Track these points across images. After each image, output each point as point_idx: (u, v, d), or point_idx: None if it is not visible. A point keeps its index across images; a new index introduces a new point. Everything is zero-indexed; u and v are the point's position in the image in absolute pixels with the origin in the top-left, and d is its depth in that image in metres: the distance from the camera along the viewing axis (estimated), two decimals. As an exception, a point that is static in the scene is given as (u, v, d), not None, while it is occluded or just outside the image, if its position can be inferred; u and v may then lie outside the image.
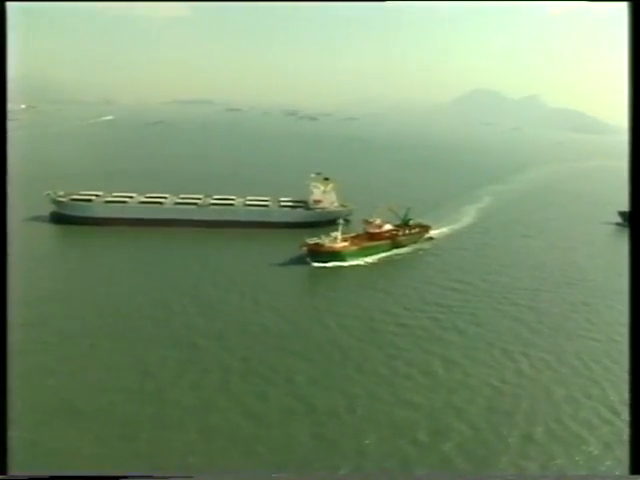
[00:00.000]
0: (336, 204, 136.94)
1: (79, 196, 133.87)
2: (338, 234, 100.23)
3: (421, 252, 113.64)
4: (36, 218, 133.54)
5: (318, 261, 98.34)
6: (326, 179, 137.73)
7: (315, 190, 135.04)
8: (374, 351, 65.80)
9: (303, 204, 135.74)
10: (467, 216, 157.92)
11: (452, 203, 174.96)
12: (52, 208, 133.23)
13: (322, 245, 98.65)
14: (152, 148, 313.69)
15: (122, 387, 54.56)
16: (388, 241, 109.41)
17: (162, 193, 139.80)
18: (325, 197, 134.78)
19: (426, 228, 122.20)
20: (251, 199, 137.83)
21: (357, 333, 70.74)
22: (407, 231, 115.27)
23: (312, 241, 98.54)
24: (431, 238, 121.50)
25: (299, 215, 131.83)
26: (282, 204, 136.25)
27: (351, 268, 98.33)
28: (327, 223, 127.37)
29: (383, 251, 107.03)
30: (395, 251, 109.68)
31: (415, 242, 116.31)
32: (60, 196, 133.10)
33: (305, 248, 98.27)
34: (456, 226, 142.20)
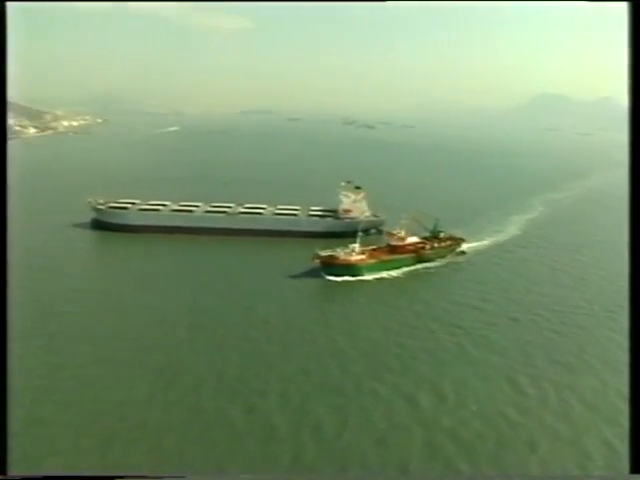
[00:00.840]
0: (367, 214, 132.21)
1: (116, 204, 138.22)
2: (356, 246, 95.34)
3: (449, 267, 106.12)
4: (79, 224, 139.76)
5: (332, 274, 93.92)
6: (357, 188, 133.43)
7: (345, 199, 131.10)
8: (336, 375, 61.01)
9: (333, 213, 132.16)
10: (513, 227, 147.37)
11: (500, 213, 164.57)
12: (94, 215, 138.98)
13: (336, 258, 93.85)
14: (210, 156, 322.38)
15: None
16: (412, 255, 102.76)
17: (213, 199, 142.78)
18: (355, 206, 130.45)
19: (458, 241, 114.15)
20: (281, 208, 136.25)
21: (343, 353, 66.27)
22: (435, 244, 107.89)
23: (325, 253, 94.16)
24: (463, 252, 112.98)
25: (327, 225, 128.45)
26: (311, 213, 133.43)
27: (367, 282, 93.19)
28: (356, 233, 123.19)
29: (406, 265, 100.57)
30: (420, 265, 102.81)
31: (444, 256, 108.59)
32: (100, 204, 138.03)
33: (317, 260, 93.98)
34: (498, 238, 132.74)
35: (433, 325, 75.27)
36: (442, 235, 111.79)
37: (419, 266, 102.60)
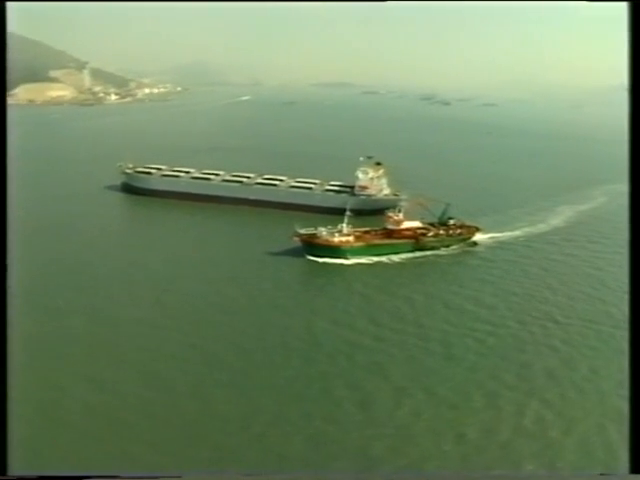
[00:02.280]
0: (386, 192, 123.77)
1: (142, 169, 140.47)
2: (344, 225, 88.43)
3: (452, 258, 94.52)
4: (111, 187, 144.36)
5: (313, 255, 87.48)
6: (378, 164, 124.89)
7: (361, 175, 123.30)
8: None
9: (350, 189, 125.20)
10: (556, 219, 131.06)
11: (550, 201, 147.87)
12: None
13: (317, 237, 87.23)
14: (272, 127, 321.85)
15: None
16: (409, 241, 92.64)
17: (256, 169, 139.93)
18: (372, 183, 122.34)
19: (471, 230, 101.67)
20: (299, 180, 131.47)
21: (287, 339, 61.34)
22: (441, 231, 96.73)
23: (307, 231, 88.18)
24: (475, 243, 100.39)
25: (342, 201, 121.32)
26: (327, 188, 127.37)
27: (348, 266, 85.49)
28: (372, 212, 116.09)
29: (401, 252, 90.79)
30: (418, 254, 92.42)
31: (448, 245, 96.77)
32: (128, 168, 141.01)
33: (297, 239, 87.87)
34: (533, 230, 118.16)
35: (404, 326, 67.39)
36: (452, 222, 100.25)
37: (417, 254, 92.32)
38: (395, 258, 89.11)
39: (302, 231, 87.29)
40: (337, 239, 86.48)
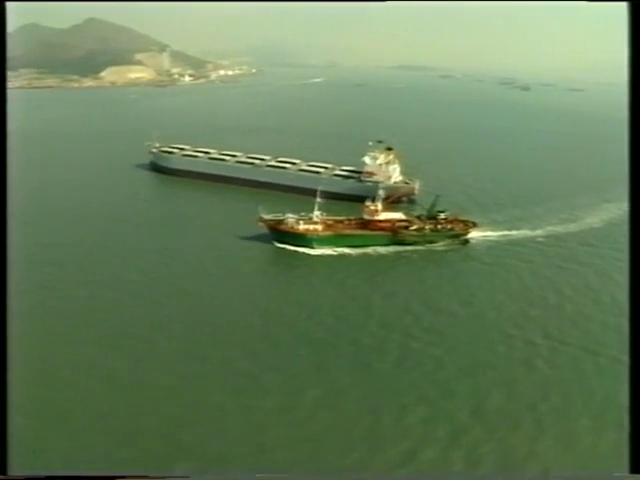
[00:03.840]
0: (396, 179, 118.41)
1: (167, 148, 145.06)
2: (316, 213, 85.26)
3: (434, 255, 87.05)
4: (141, 165, 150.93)
5: (280, 241, 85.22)
6: (389, 149, 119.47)
7: (369, 160, 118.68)
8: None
9: (358, 175, 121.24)
10: (595, 217, 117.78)
11: (604, 195, 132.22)
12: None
13: (281, 224, 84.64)
14: (332, 108, 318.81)
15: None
16: (386, 233, 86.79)
17: (291, 153, 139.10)
18: (380, 170, 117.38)
19: (465, 226, 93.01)
20: (311, 164, 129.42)
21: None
22: (426, 226, 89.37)
23: (273, 217, 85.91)
24: (466, 241, 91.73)
25: (348, 186, 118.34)
26: (336, 173, 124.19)
27: (313, 256, 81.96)
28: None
29: (376, 245, 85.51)
30: (397, 248, 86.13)
31: (433, 241, 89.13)
32: (155, 147, 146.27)
33: (262, 224, 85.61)
34: (559, 229, 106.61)
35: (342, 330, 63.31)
36: (442, 216, 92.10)
37: (393, 249, 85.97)
38: (368, 251, 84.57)
39: (267, 216, 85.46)
40: (302, 227, 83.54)
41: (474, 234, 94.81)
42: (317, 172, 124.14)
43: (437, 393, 50.66)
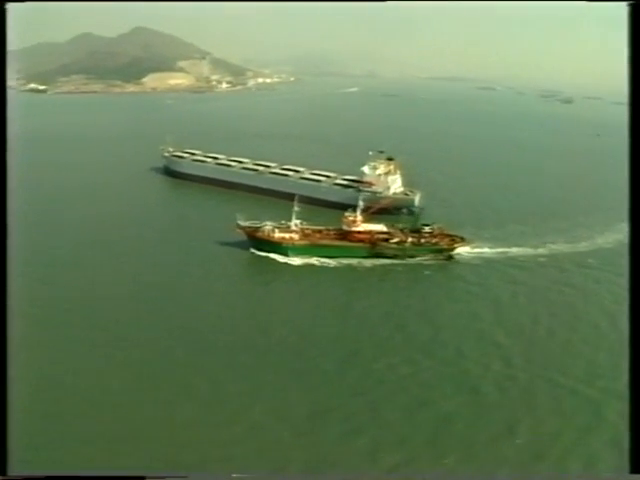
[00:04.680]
0: (397, 190, 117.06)
1: (179, 153, 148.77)
2: (295, 222, 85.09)
3: (410, 272, 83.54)
4: (155, 169, 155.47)
5: (257, 248, 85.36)
6: (389, 159, 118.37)
7: (368, 171, 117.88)
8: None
9: (357, 185, 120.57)
10: (609, 237, 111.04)
11: (613, 217, 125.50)
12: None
13: (257, 231, 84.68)
14: (360, 118, 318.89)
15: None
16: (364, 245, 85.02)
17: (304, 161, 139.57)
18: (379, 180, 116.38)
19: (451, 241, 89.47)
20: (314, 172, 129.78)
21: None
22: (409, 239, 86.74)
23: (250, 224, 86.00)
24: (451, 257, 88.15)
25: (346, 196, 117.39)
26: (336, 182, 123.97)
27: (287, 266, 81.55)
28: (378, 211, 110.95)
29: (354, 256, 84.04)
30: (373, 261, 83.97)
31: (413, 256, 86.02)
32: (167, 151, 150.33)
33: (239, 231, 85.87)
34: (566, 248, 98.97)
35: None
36: (427, 229, 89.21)
37: (370, 261, 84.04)
38: (344, 262, 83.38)
39: (245, 223, 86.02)
40: (278, 235, 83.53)
41: (465, 250, 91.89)
42: (317, 180, 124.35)
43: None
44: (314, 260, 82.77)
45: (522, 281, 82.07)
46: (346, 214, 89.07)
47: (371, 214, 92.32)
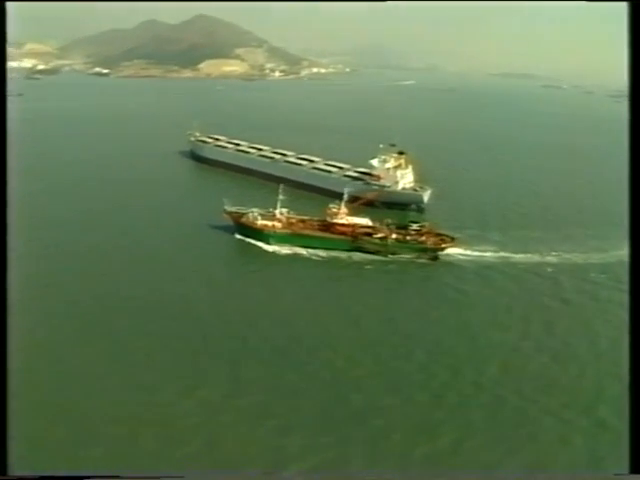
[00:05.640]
0: (406, 185, 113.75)
1: (203, 138, 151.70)
2: (279, 210, 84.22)
3: (401, 267, 79.54)
4: (183, 152, 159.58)
5: (241, 234, 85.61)
6: (400, 153, 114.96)
7: (377, 164, 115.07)
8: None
9: (366, 177, 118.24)
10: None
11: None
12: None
13: (242, 217, 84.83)
14: (408, 110, 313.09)
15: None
16: (345, 238, 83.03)
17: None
18: (388, 174, 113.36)
19: (439, 240, 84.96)
20: (327, 163, 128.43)
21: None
22: (393, 236, 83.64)
23: (237, 210, 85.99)
24: (436, 257, 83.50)
25: (356, 188, 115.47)
26: (346, 174, 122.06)
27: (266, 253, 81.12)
28: (386, 205, 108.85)
29: (335, 248, 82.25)
30: (349, 255, 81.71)
31: (395, 253, 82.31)
32: (193, 136, 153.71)
33: (226, 216, 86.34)
34: (579, 258, 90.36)
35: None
36: (414, 227, 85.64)
37: (348, 255, 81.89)
38: (322, 253, 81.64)
39: (232, 209, 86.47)
40: (260, 222, 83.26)
41: (461, 251, 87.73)
42: (328, 171, 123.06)
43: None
44: (294, 249, 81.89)
45: (508, 290, 75.67)
46: (330, 205, 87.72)
47: (371, 207, 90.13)
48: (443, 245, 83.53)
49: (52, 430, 43.16)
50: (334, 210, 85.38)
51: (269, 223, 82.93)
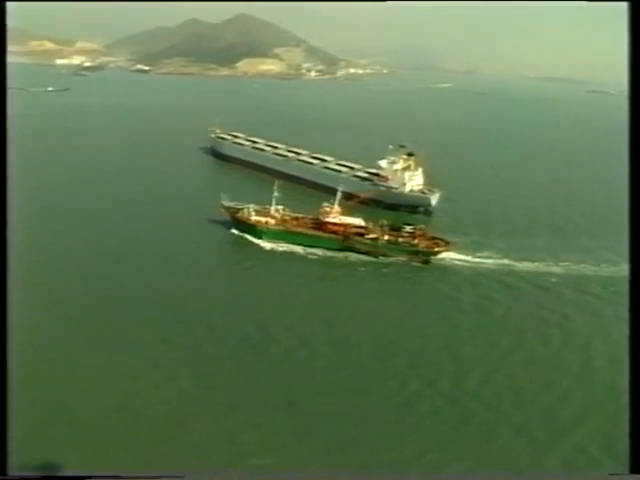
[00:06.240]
0: (414, 187, 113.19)
1: (223, 135, 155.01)
2: (273, 207, 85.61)
3: (389, 269, 79.25)
4: (204, 148, 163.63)
5: (236, 229, 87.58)
6: (410, 154, 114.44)
7: (385, 165, 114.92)
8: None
9: (373, 179, 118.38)
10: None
11: None
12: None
13: (237, 212, 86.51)
14: (441, 113, 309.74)
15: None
16: (336, 237, 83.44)
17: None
18: (395, 175, 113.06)
19: (433, 244, 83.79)
20: (340, 163, 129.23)
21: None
22: (385, 237, 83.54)
23: (232, 204, 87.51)
24: (427, 261, 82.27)
25: (362, 189, 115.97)
26: (355, 174, 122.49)
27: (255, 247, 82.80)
28: (392, 206, 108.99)
29: (326, 247, 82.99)
30: (336, 254, 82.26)
31: (385, 254, 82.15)
32: (214, 133, 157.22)
33: (222, 210, 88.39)
34: (589, 270, 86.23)
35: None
36: (408, 229, 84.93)
37: (340, 254, 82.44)
38: (318, 252, 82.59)
39: (229, 204, 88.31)
40: (254, 218, 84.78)
41: (459, 256, 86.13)
42: (338, 171, 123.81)
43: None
44: (291, 247, 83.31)
45: (498, 300, 73.27)
46: (324, 204, 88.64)
47: (377, 209, 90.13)
48: (436, 249, 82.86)
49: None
50: (327, 209, 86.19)
51: (262, 219, 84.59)
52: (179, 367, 52.37)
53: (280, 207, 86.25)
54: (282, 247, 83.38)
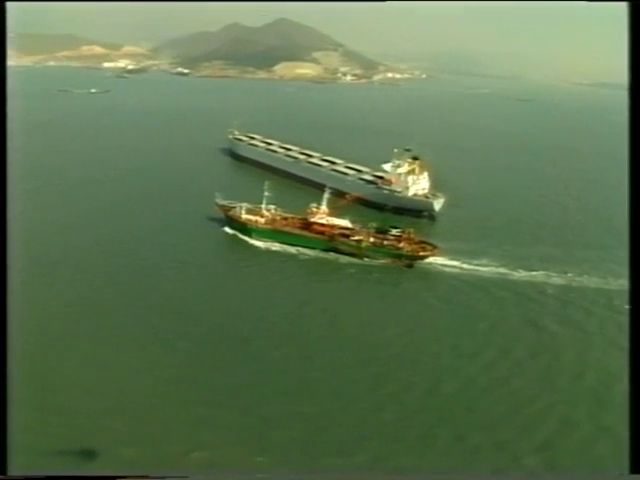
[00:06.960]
0: (417, 191, 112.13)
1: (240, 136, 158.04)
2: (265, 207, 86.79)
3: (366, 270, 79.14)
4: (222, 149, 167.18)
5: (229, 227, 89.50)
6: (415, 158, 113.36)
7: (390, 168, 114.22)
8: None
9: (378, 182, 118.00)
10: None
11: None
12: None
13: (229, 209, 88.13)
14: (469, 120, 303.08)
15: None
16: (322, 237, 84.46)
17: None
18: (399, 179, 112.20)
19: (419, 248, 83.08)
20: (349, 166, 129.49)
21: None
22: (370, 239, 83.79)
23: (228, 203, 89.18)
24: (410, 265, 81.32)
25: (367, 192, 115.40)
26: (361, 177, 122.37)
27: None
28: (396, 210, 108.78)
29: (313, 247, 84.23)
30: (322, 255, 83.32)
31: (368, 256, 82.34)
32: (232, 134, 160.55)
33: (217, 208, 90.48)
34: (592, 282, 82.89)
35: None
36: (394, 232, 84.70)
37: (323, 254, 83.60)
38: (310, 252, 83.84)
39: (223, 202, 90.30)
40: (245, 217, 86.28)
41: (453, 263, 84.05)
42: (345, 174, 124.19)
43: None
44: (284, 247, 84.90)
45: (481, 311, 71.09)
46: (311, 205, 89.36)
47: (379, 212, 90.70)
48: (421, 253, 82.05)
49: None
50: (313, 210, 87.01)
51: (252, 218, 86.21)
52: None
53: (272, 207, 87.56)
54: (275, 247, 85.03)
